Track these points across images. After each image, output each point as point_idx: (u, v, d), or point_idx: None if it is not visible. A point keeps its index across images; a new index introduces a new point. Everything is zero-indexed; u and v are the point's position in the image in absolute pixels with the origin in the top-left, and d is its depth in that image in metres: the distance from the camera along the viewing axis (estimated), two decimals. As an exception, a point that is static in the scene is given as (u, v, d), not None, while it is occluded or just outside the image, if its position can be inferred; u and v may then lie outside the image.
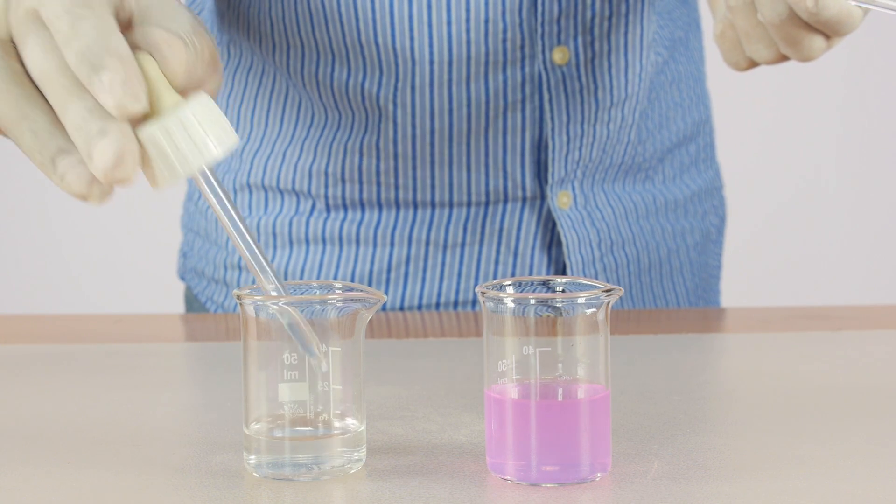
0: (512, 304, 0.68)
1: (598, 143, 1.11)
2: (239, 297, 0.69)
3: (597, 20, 1.08)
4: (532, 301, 0.67)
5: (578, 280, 0.70)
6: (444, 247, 1.11)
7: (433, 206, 1.10)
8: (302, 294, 0.72)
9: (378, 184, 1.10)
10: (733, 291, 2.64)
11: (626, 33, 1.09)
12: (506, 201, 1.10)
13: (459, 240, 1.11)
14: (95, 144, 0.65)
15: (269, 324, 0.69)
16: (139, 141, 0.66)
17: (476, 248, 1.11)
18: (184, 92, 0.68)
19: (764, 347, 0.96)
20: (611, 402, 0.69)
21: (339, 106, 1.09)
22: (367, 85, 1.08)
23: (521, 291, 0.71)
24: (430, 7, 1.05)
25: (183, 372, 0.91)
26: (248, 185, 1.14)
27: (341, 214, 1.11)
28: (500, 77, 1.07)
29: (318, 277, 1.12)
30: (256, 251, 0.68)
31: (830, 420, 0.78)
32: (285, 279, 1.11)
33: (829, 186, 2.67)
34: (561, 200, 1.10)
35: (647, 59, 1.12)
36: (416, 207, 1.10)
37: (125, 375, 0.91)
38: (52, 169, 0.67)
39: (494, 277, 1.11)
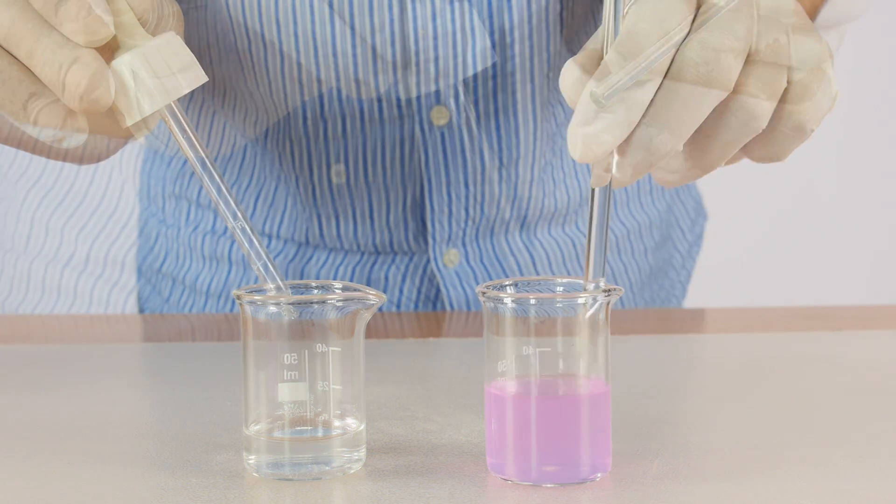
0: (512, 304, 0.68)
1: (490, 202, 1.07)
2: (238, 297, 0.69)
3: (479, 80, 1.03)
4: (532, 301, 0.67)
5: (579, 280, 0.70)
6: None
7: (326, 248, 1.09)
8: (301, 294, 0.72)
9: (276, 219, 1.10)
10: (734, 291, 2.64)
11: (514, 93, 1.05)
12: (394, 254, 1.09)
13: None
14: (68, 71, 0.65)
15: (269, 324, 0.69)
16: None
17: None
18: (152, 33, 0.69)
19: (764, 347, 0.96)
20: (611, 402, 0.69)
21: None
22: (257, 127, 1.07)
23: (521, 291, 0.71)
24: (299, 66, 1.02)
25: (182, 372, 0.91)
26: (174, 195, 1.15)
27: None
28: (378, 133, 1.04)
29: (207, 292, 1.14)
30: (222, 186, 0.69)
31: (830, 420, 0.78)
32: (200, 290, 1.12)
33: (831, 187, 2.67)
34: (447, 258, 1.08)
35: (544, 117, 1.07)
36: (308, 245, 1.09)
37: (125, 375, 0.91)
38: (24, 114, 0.66)
39: None
